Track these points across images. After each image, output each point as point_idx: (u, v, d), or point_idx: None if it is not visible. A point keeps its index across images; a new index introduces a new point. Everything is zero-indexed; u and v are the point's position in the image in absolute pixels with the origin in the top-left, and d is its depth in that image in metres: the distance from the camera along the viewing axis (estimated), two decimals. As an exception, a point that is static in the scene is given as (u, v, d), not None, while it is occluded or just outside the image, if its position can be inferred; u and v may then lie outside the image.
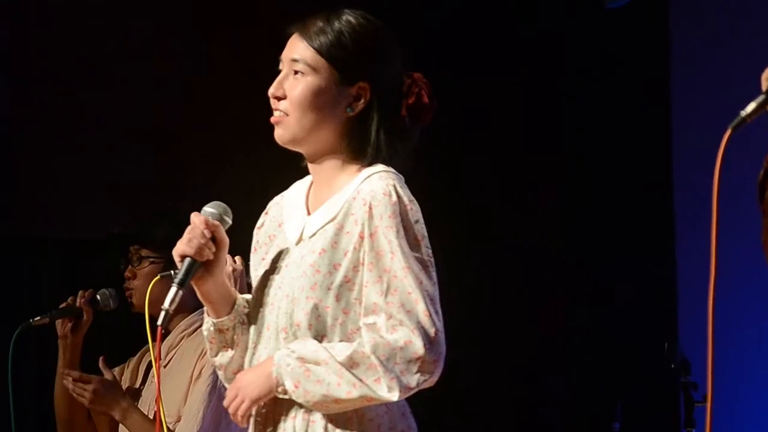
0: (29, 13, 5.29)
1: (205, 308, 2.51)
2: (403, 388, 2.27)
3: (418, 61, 2.54)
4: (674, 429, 4.89)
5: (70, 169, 5.28)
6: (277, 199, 2.59)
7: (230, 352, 2.49)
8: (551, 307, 5.62)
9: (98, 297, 3.96)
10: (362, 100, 2.43)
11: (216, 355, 2.50)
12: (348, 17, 2.46)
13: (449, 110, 2.58)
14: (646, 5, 5.41)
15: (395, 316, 2.27)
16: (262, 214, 2.59)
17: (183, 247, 2.40)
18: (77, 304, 3.93)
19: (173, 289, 2.40)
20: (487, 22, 5.62)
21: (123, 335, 3.97)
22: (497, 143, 5.58)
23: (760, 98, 1.90)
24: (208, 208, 2.45)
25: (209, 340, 2.50)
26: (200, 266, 2.41)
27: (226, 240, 2.44)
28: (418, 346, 2.25)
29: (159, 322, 2.41)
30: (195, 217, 2.42)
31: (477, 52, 5.59)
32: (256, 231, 2.58)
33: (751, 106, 1.89)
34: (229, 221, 2.46)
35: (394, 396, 2.26)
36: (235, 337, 2.48)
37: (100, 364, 3.84)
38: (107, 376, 3.80)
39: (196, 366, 3.84)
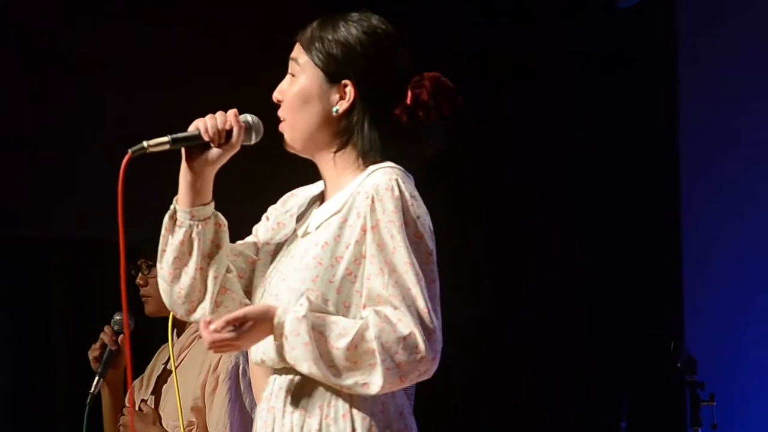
0: (42, 13, 5.31)
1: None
2: (396, 378, 2.27)
3: (424, 61, 2.54)
4: (680, 428, 4.90)
5: (77, 170, 5.29)
6: (295, 191, 2.61)
7: (182, 279, 2.45)
8: (556, 306, 5.62)
9: (116, 328, 4.03)
10: (347, 99, 2.44)
11: (164, 254, 2.46)
12: (341, 20, 2.48)
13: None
14: (656, 5, 5.41)
15: (399, 309, 2.27)
16: (280, 199, 2.61)
17: (200, 121, 2.41)
18: (111, 347, 3.99)
19: (164, 138, 2.38)
20: (495, 22, 5.62)
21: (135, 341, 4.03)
22: (504, 141, 5.58)
23: None
24: (248, 115, 2.45)
25: (164, 227, 2.46)
26: (201, 144, 2.40)
27: (237, 147, 2.43)
28: (418, 341, 2.25)
29: (130, 149, 2.37)
30: (231, 111, 2.43)
31: (486, 51, 5.59)
32: (269, 219, 2.59)
33: None
34: (254, 139, 2.45)
35: (376, 389, 2.26)
36: (191, 248, 2.43)
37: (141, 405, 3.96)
38: (144, 409, 3.91)
39: (209, 377, 3.88)
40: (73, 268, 5.41)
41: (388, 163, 2.41)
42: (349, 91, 2.44)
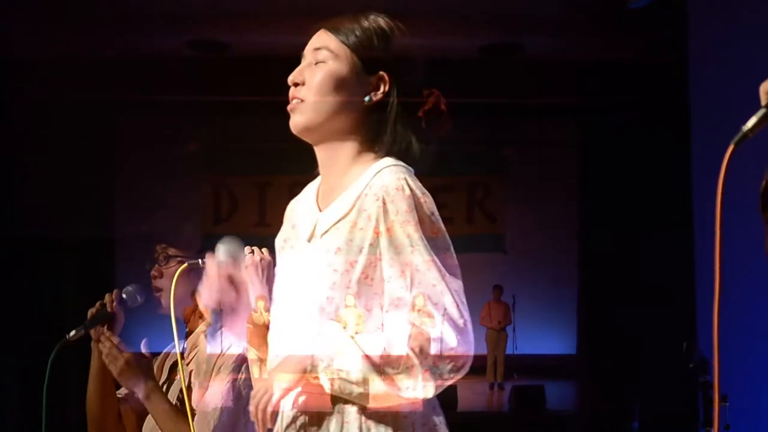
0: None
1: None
2: (437, 378, 2.25)
3: (436, 66, 2.54)
4: (693, 428, 4.90)
5: (85, 170, 5.31)
6: (291, 204, 2.57)
7: None
8: (568, 307, 5.63)
9: (124, 296, 3.97)
10: (381, 90, 2.42)
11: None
12: (371, 15, 2.47)
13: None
14: (667, 5, 5.42)
15: (423, 310, 2.25)
16: (285, 217, 2.58)
17: (206, 298, 2.46)
18: (108, 309, 3.94)
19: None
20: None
21: (149, 332, 4.02)
22: (506, 140, 5.59)
23: (761, 112, 1.89)
24: (221, 254, 2.46)
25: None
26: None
27: (245, 282, 2.45)
28: (450, 339, 2.23)
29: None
30: (210, 268, 2.46)
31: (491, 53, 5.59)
32: (277, 240, 2.58)
33: (752, 121, 1.89)
34: (243, 255, 2.46)
35: (429, 392, 2.26)
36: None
37: (143, 346, 3.87)
38: (145, 354, 3.86)
39: (215, 365, 3.86)
40: (82, 268, 5.43)
41: (391, 160, 2.39)
42: (385, 82, 2.43)
